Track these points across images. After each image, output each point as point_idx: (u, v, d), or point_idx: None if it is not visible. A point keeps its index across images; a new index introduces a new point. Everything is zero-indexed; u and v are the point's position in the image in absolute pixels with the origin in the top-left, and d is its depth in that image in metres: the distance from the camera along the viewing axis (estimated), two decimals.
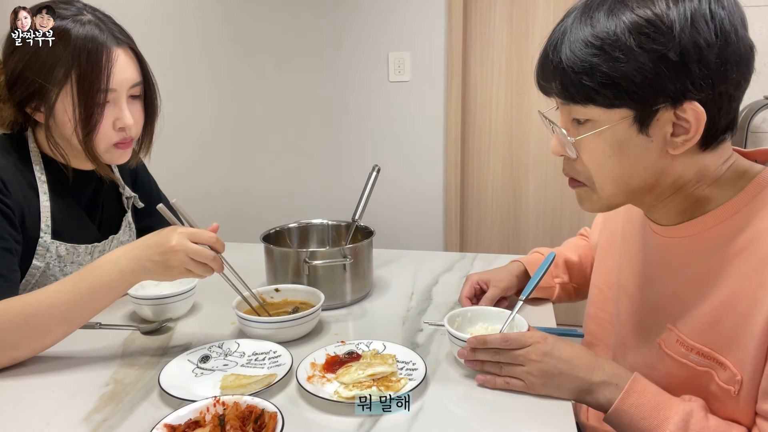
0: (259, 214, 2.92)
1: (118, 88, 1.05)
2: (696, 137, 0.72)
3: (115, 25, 1.08)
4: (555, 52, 0.74)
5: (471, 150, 2.75)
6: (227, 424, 0.72)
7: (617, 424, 0.79)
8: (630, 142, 0.74)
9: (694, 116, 0.70)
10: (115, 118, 1.07)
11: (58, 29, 1.01)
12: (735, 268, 0.74)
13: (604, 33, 0.70)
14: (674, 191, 0.79)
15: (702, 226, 0.79)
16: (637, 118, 0.72)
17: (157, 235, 0.93)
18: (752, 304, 0.71)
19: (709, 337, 0.77)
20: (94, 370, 0.94)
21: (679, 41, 0.67)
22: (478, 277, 1.16)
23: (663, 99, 0.70)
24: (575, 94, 0.73)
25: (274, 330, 1.00)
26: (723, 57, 0.69)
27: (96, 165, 1.10)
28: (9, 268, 1.00)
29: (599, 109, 0.73)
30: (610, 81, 0.70)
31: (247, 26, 2.74)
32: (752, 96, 2.33)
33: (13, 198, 1.03)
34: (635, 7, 0.69)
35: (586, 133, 0.75)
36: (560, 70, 0.73)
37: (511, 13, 2.58)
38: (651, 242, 0.90)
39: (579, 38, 0.71)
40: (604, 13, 0.70)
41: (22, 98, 1.04)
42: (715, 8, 0.68)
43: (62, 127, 1.05)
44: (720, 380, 0.76)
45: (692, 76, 0.68)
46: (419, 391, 0.85)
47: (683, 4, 0.68)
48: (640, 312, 0.92)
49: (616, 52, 0.69)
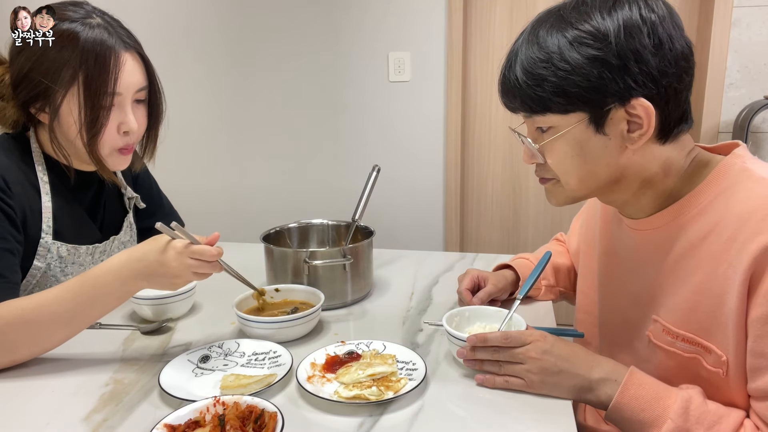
0: (259, 214, 2.92)
1: (125, 92, 1.05)
2: (650, 130, 0.78)
3: (123, 29, 1.08)
4: (510, 71, 0.82)
5: (471, 150, 2.75)
6: (227, 424, 0.72)
7: (618, 419, 0.79)
8: (590, 142, 0.81)
9: (643, 111, 0.77)
10: (120, 122, 1.07)
11: (67, 32, 1.01)
12: (705, 252, 0.79)
13: (549, 48, 0.78)
14: (644, 185, 0.85)
15: (671, 215, 0.84)
16: (592, 119, 0.79)
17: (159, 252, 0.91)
18: (724, 284, 0.76)
19: (691, 322, 0.81)
20: (94, 370, 0.94)
21: (615, 45, 0.75)
22: (477, 273, 1.17)
23: (611, 99, 0.77)
24: (533, 105, 0.81)
25: (274, 330, 1.00)
26: (660, 55, 0.76)
27: (99, 168, 1.10)
28: (10, 269, 1.00)
29: (556, 116, 0.80)
30: (560, 89, 0.78)
31: (247, 26, 2.74)
32: (752, 96, 2.33)
33: (16, 198, 1.03)
34: (575, 23, 0.77)
35: (548, 138, 0.83)
36: (517, 87, 0.81)
37: (511, 14, 2.58)
38: (627, 238, 0.94)
39: (529, 56, 0.80)
40: (548, 31, 0.79)
41: (27, 98, 1.04)
42: (646, 14, 0.76)
43: (67, 129, 1.05)
44: (708, 364, 0.80)
45: (633, 75, 0.75)
46: (419, 391, 0.85)
47: (616, 14, 0.76)
48: (625, 308, 0.95)
49: (562, 63, 0.77)
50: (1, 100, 1.08)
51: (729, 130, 2.37)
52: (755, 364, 0.74)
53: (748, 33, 2.27)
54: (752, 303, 0.73)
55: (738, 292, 0.74)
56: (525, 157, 0.89)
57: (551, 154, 0.84)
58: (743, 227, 0.74)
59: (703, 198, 0.81)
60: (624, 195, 0.87)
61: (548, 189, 0.90)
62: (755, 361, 0.74)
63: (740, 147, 0.84)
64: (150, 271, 0.92)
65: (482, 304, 1.09)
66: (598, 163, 0.82)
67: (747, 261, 0.72)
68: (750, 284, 0.73)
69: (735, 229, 0.75)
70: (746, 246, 0.73)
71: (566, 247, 1.28)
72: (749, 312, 0.74)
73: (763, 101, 2.23)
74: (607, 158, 0.81)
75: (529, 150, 0.87)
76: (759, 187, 0.76)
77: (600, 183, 0.84)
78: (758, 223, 0.73)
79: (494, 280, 1.15)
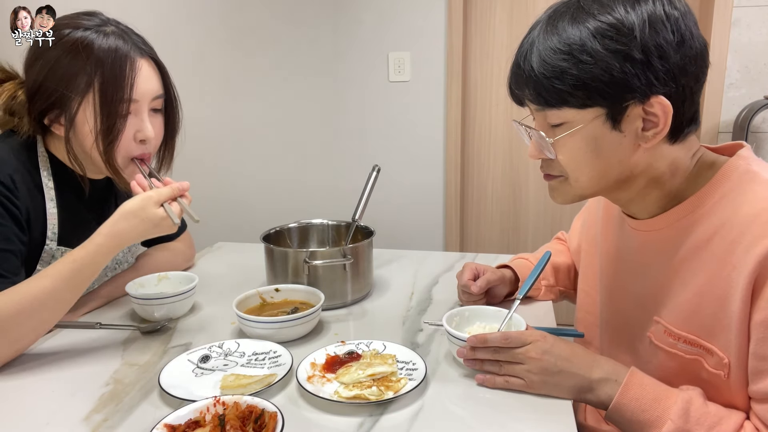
0: (259, 214, 2.92)
1: (141, 99, 1.05)
2: (665, 129, 0.77)
3: (138, 36, 1.08)
4: (525, 62, 0.79)
5: (471, 150, 2.75)
6: (227, 424, 0.72)
7: (618, 419, 0.79)
8: (604, 139, 0.79)
9: (661, 110, 0.76)
10: (136, 130, 1.07)
11: (81, 39, 1.01)
12: (708, 254, 0.79)
13: (570, 39, 0.75)
14: (650, 184, 0.84)
15: (674, 216, 0.84)
16: (609, 115, 0.77)
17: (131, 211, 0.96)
18: (728, 287, 0.75)
19: (693, 324, 0.81)
20: (94, 370, 0.94)
21: (640, 41, 0.73)
22: (475, 265, 1.16)
23: (631, 95, 0.75)
24: (549, 98, 0.78)
25: (274, 330, 1.00)
26: (681, 52, 0.75)
27: (116, 177, 1.09)
28: (13, 270, 1.00)
29: (573, 110, 0.78)
30: (581, 83, 0.75)
31: (247, 26, 2.74)
32: (752, 96, 2.33)
33: (22, 199, 1.03)
34: (597, 14, 0.75)
35: (563, 133, 0.80)
36: (532, 78, 0.78)
37: (511, 14, 2.59)
38: (629, 239, 0.93)
39: (548, 47, 0.77)
40: (568, 22, 0.76)
41: (43, 108, 1.03)
42: (669, 10, 0.75)
43: (83, 138, 1.04)
44: (709, 366, 0.79)
45: (656, 72, 0.74)
46: (419, 391, 0.85)
47: (640, 8, 0.74)
48: (626, 309, 0.95)
49: (584, 56, 0.74)
50: (13, 116, 1.07)
51: (729, 130, 2.37)
52: (757, 367, 0.74)
53: (748, 33, 2.27)
54: (756, 306, 0.73)
55: (742, 294, 0.73)
56: (532, 152, 0.86)
57: (563, 150, 0.82)
58: (748, 230, 0.74)
59: (707, 200, 0.80)
60: (630, 193, 0.86)
61: (553, 186, 0.88)
62: (757, 363, 0.74)
63: (745, 148, 0.83)
64: (123, 212, 0.96)
65: (481, 292, 1.09)
66: (610, 161, 0.80)
67: (752, 264, 0.72)
68: (754, 287, 0.73)
69: (740, 232, 0.75)
70: (751, 249, 0.72)
71: (567, 245, 1.27)
72: (753, 315, 0.73)
73: (763, 101, 2.24)
74: (619, 156, 0.80)
75: (537, 145, 0.84)
76: (763, 189, 0.76)
77: (610, 181, 0.83)
78: (763, 226, 0.72)
79: (492, 271, 1.15)
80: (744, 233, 0.74)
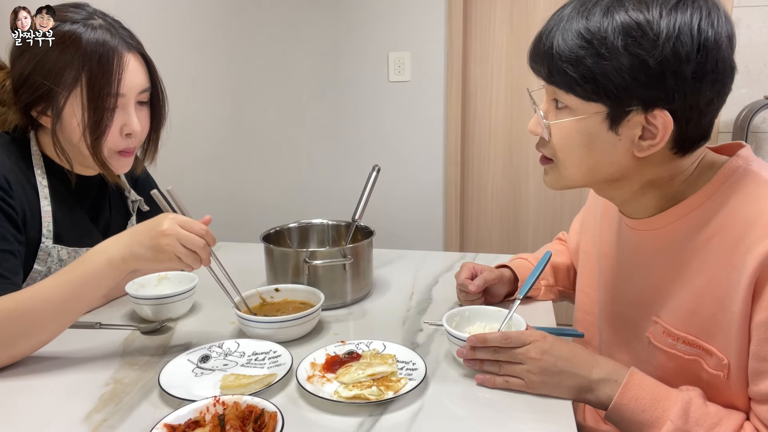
0: (259, 214, 2.92)
1: (128, 93, 1.05)
2: (661, 144, 0.76)
3: (125, 30, 1.08)
4: (548, 37, 0.78)
5: (471, 150, 2.75)
6: (227, 424, 0.72)
7: (618, 419, 0.79)
8: (599, 137, 0.78)
9: (662, 124, 0.74)
10: (123, 124, 1.07)
11: (69, 33, 1.01)
12: (708, 254, 0.78)
13: (595, 28, 0.73)
14: (646, 186, 0.84)
15: (673, 216, 0.83)
16: (609, 115, 0.76)
17: (148, 221, 0.92)
18: (728, 288, 0.75)
19: (692, 325, 0.80)
20: (94, 370, 0.94)
21: (661, 50, 0.71)
22: (473, 264, 1.16)
23: (636, 102, 0.74)
24: (559, 80, 0.78)
25: (274, 330, 1.00)
26: (699, 73, 0.72)
27: (104, 170, 1.09)
28: (11, 270, 1.00)
29: (577, 99, 0.77)
30: (591, 75, 0.74)
31: (247, 26, 2.74)
32: (752, 96, 2.33)
33: (17, 199, 1.03)
34: (630, 9, 0.72)
35: (563, 119, 0.80)
36: (549, 55, 0.77)
37: (511, 14, 2.58)
38: (627, 238, 0.93)
39: (572, 28, 0.75)
40: (601, 9, 0.74)
41: (29, 101, 1.03)
42: (705, 25, 0.71)
43: (70, 132, 1.05)
44: (709, 367, 0.79)
45: (666, 86, 0.72)
46: (419, 391, 0.85)
47: (675, 15, 0.71)
48: (625, 309, 0.95)
49: (603, 49, 0.73)
50: (2, 105, 1.07)
51: (729, 130, 2.37)
52: (757, 368, 0.74)
53: (748, 33, 2.27)
54: (757, 307, 0.72)
55: (743, 295, 0.73)
56: (531, 127, 0.85)
57: (558, 135, 0.82)
58: (749, 231, 0.73)
59: (706, 200, 0.80)
60: (623, 194, 0.86)
61: (546, 170, 0.88)
62: (757, 364, 0.74)
63: (744, 148, 0.83)
64: (138, 240, 0.90)
65: (478, 291, 1.09)
66: (601, 160, 0.80)
67: (753, 265, 0.71)
68: (755, 288, 0.72)
69: (740, 233, 0.74)
70: (752, 250, 0.72)
71: (567, 245, 1.27)
72: (753, 316, 0.73)
73: (763, 101, 2.24)
74: (611, 157, 0.80)
75: (538, 120, 0.84)
76: (764, 190, 0.76)
77: (599, 178, 0.83)
78: (764, 227, 0.72)
79: (489, 270, 1.15)
80: (745, 234, 0.74)
